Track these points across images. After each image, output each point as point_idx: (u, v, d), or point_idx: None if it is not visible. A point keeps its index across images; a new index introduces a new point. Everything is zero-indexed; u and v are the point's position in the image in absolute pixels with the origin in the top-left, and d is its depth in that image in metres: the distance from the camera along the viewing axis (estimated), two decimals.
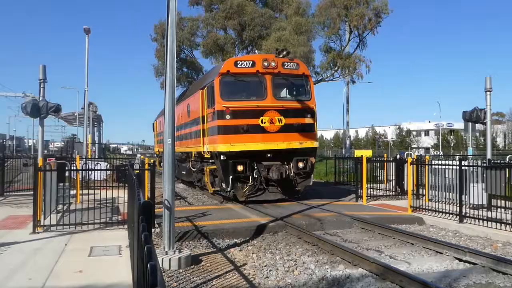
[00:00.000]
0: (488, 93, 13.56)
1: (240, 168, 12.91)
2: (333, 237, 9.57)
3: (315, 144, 14.06)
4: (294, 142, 13.46)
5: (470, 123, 15.92)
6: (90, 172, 13.10)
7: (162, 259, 7.03)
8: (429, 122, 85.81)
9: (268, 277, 6.79)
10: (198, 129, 15.33)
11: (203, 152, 14.56)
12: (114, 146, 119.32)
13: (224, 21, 33.18)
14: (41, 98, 12.29)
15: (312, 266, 7.29)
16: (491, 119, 13.81)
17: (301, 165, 13.61)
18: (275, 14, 34.61)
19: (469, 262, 7.38)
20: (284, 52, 13.64)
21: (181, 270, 6.96)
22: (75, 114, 43.19)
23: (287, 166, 13.54)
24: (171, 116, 7.50)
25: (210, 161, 14.41)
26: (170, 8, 7.40)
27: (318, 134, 15.27)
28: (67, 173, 12.64)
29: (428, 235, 9.69)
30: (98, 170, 12.33)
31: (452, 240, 9.23)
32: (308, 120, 13.92)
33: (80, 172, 12.94)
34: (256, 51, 20.88)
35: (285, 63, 13.81)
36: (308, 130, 13.86)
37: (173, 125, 7.56)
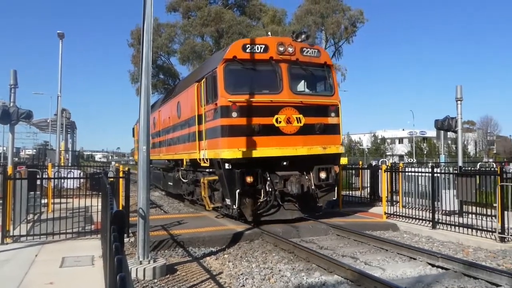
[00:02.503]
0: (459, 102, 13.95)
1: (249, 179, 10.47)
2: (309, 244, 9.61)
3: (341, 149, 11.83)
4: (316, 147, 11.17)
5: (442, 131, 16.32)
6: (62, 180, 12.81)
7: (137, 268, 6.91)
8: (403, 130, 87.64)
9: (244, 286, 6.75)
10: (192, 132, 12.91)
11: (199, 159, 12.00)
12: (88, 153, 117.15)
13: (201, 28, 33.26)
14: (11, 104, 12.02)
15: (288, 273, 7.29)
16: (462, 127, 14.20)
17: (323, 175, 11.31)
18: (252, 22, 34.93)
19: (442, 268, 7.51)
20: (303, 36, 11.38)
21: (155, 280, 6.85)
22: (48, 121, 42.21)
23: (306, 177, 11.24)
24: (146, 123, 7.41)
25: (207, 170, 12.09)
26: (146, 14, 7.35)
27: None
28: (38, 182, 12.33)
29: (402, 241, 9.84)
30: (70, 178, 12.03)
31: (425, 246, 9.39)
32: (331, 120, 11.66)
33: (52, 180, 12.65)
34: None
35: (304, 49, 11.48)
36: (332, 132, 11.64)
37: (148, 132, 7.48)
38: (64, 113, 31.54)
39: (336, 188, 12.03)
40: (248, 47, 10.92)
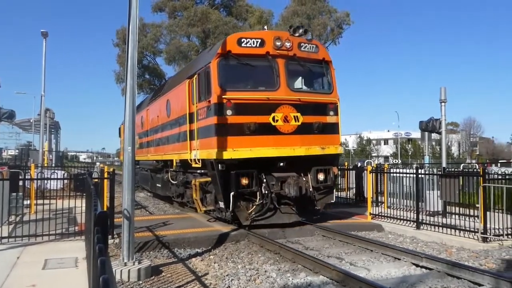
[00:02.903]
0: (443, 104, 14.15)
1: (244, 181, 9.98)
2: (295, 245, 9.62)
3: (340, 149, 11.48)
4: (314, 147, 10.70)
5: (426, 133, 16.53)
6: (46, 181, 12.62)
7: (121, 270, 6.84)
8: (388, 131, 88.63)
9: (229, 287, 6.73)
10: (182, 131, 12.35)
11: (191, 160, 11.44)
12: (72, 154, 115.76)
13: (187, 28, 33.15)
14: None
15: (274, 274, 7.29)
16: (446, 129, 14.41)
17: (321, 177, 10.84)
18: (239, 23, 34.92)
19: (426, 268, 7.60)
20: (301, 30, 10.88)
21: (140, 282, 6.79)
22: (31, 121, 41.53)
23: (304, 179, 10.76)
24: (131, 123, 7.36)
25: (199, 171, 11.54)
26: (132, 14, 7.29)
27: None
28: (21, 182, 12.13)
29: (386, 241, 9.93)
30: (54, 179, 11.85)
31: (410, 246, 9.49)
32: (330, 119, 11.22)
33: (35, 181, 12.45)
34: None
35: (302, 44, 10.98)
36: (330, 132, 11.21)
37: (133, 132, 7.41)
38: (48, 113, 31.07)
39: (334, 190, 11.58)
40: (244, 41, 10.42)
